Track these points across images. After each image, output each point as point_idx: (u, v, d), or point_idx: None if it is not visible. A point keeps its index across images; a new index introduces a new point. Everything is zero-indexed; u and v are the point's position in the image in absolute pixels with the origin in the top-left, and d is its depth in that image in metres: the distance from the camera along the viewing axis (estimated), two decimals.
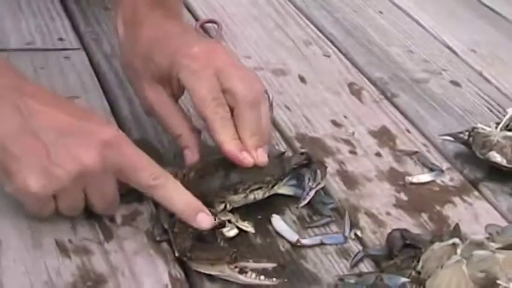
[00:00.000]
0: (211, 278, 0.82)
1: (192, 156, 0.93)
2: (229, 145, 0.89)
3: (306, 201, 0.92)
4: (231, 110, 0.90)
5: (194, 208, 0.85)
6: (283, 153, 1.00)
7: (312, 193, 0.92)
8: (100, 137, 0.82)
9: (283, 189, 0.94)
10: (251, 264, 0.81)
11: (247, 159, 0.89)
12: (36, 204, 0.84)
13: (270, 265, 0.81)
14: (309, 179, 0.93)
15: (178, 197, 0.85)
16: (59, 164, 0.81)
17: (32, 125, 0.81)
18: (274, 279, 0.80)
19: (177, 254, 0.83)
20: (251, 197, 0.90)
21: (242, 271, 0.81)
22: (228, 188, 0.89)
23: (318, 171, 0.93)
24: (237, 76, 0.91)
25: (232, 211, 0.90)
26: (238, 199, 0.90)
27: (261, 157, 0.90)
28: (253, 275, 0.80)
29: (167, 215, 0.86)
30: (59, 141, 0.81)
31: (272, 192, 0.92)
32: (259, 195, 0.91)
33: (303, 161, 0.95)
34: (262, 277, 0.80)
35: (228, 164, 0.90)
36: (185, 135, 0.94)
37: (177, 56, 0.91)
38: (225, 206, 0.90)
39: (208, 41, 1.03)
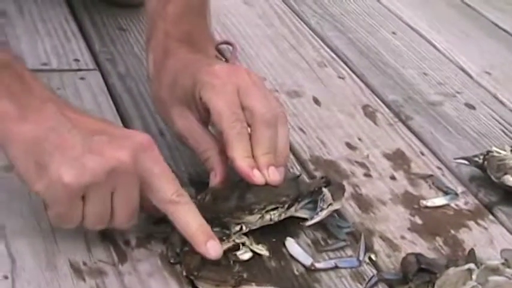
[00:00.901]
0: None
1: (214, 177, 0.92)
2: (241, 161, 0.89)
3: (313, 221, 0.91)
4: (249, 127, 0.91)
5: (206, 235, 0.85)
6: (299, 175, 0.99)
7: (322, 214, 0.91)
8: (134, 140, 0.83)
9: (300, 212, 0.94)
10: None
11: (258, 177, 0.89)
12: (65, 201, 0.81)
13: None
14: (321, 200, 0.93)
15: (193, 221, 0.85)
16: (92, 158, 0.80)
17: (68, 126, 0.82)
18: None
19: (184, 273, 0.83)
20: (267, 217, 0.90)
21: None
22: (244, 209, 0.89)
23: (328, 193, 0.93)
24: (257, 95, 0.92)
25: (247, 234, 0.90)
26: (254, 220, 0.90)
27: (273, 176, 0.89)
28: None
29: (181, 237, 0.86)
30: (94, 139, 0.82)
31: (288, 214, 0.92)
32: (275, 216, 0.90)
33: (321, 184, 0.94)
34: None
35: (244, 186, 0.90)
36: (211, 158, 0.93)
37: (199, 74, 0.92)
38: (241, 228, 0.89)
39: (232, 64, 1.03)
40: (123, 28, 1.36)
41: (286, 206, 0.91)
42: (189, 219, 0.85)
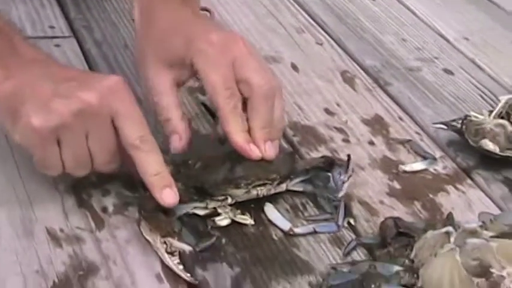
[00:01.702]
0: (203, 266, 0.82)
1: (179, 141, 0.92)
2: (237, 136, 0.88)
3: (343, 192, 0.91)
4: (245, 100, 0.90)
5: (164, 182, 0.85)
6: (293, 152, 0.99)
7: (345, 186, 0.92)
8: (104, 83, 0.85)
9: (291, 187, 0.94)
10: (175, 242, 0.81)
11: (254, 151, 0.89)
12: (39, 146, 0.83)
13: (187, 248, 0.81)
14: (340, 173, 0.92)
15: (153, 167, 0.85)
16: (59, 101, 0.82)
17: (44, 77, 0.85)
18: (189, 275, 0.80)
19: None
20: (254, 192, 0.89)
21: (171, 251, 0.80)
22: (230, 182, 0.89)
23: (351, 164, 0.93)
24: (253, 67, 0.91)
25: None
26: (240, 193, 0.89)
27: (269, 151, 0.89)
28: (176, 261, 0.80)
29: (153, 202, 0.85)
30: (64, 85, 0.84)
31: (278, 190, 0.92)
32: (262, 191, 0.90)
33: (319, 163, 0.94)
34: (181, 267, 0.80)
35: (236, 157, 0.89)
36: (174, 121, 0.92)
37: (195, 41, 0.91)
38: (226, 198, 0.89)
39: (227, 30, 1.01)
40: None
41: (275, 182, 0.90)
42: (149, 165, 0.85)
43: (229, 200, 0.89)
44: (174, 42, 0.93)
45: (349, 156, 0.94)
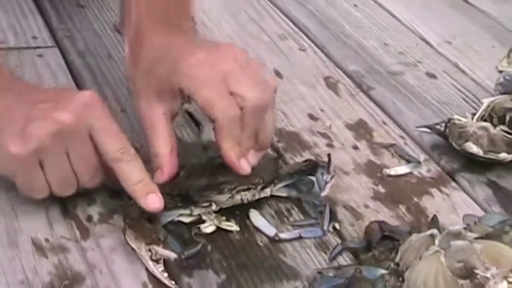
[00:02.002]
0: (189, 273, 0.82)
1: (160, 177, 0.90)
2: (229, 152, 0.88)
3: (326, 192, 0.92)
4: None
5: (147, 188, 0.85)
6: (277, 157, 0.99)
7: (328, 186, 0.92)
8: (78, 100, 0.85)
9: (278, 192, 0.94)
10: (159, 250, 0.81)
11: (244, 169, 0.89)
12: (21, 172, 0.84)
13: (172, 255, 0.81)
14: (322, 174, 0.93)
15: (135, 176, 0.85)
16: (35, 124, 0.82)
17: (19, 103, 0.85)
18: (173, 282, 0.80)
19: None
20: (238, 198, 0.89)
21: (156, 259, 0.80)
22: (213, 188, 0.89)
23: (332, 166, 0.93)
24: (245, 80, 0.89)
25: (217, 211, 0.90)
26: (223, 199, 0.89)
27: (251, 160, 0.90)
28: (161, 269, 0.80)
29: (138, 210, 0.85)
30: (38, 107, 0.84)
31: (263, 195, 0.91)
32: (246, 196, 0.90)
33: (302, 167, 0.94)
34: (166, 275, 0.80)
35: (220, 163, 0.89)
36: (161, 158, 0.90)
37: (180, 67, 0.88)
38: (210, 205, 0.89)
39: (215, 44, 0.96)
40: (81, 5, 1.34)
41: (259, 187, 0.90)
42: (132, 174, 0.85)
43: (214, 207, 0.89)
44: (160, 72, 0.91)
45: (329, 155, 0.95)
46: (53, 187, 0.85)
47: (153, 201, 0.85)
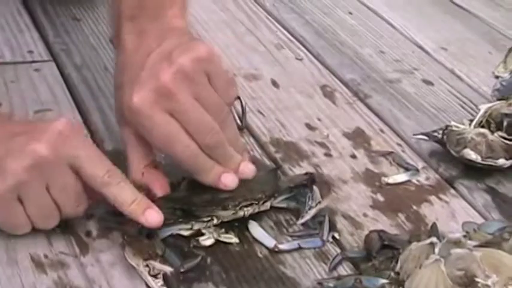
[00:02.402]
0: (188, 286, 0.82)
1: (157, 190, 0.90)
2: (208, 179, 0.88)
3: (303, 220, 0.91)
4: None
5: (143, 206, 0.85)
6: (276, 169, 0.99)
7: (311, 212, 0.91)
8: (53, 131, 0.83)
9: (275, 204, 0.94)
10: (157, 264, 0.81)
11: (228, 184, 0.88)
12: (2, 210, 0.83)
13: (168, 269, 0.81)
14: (310, 198, 0.92)
15: (128, 197, 0.84)
16: (11, 159, 0.81)
17: None
18: None
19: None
20: (241, 213, 0.89)
21: (154, 274, 0.80)
22: (218, 204, 0.89)
23: (317, 191, 0.92)
24: (191, 115, 0.86)
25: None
26: (227, 215, 0.89)
27: (246, 170, 0.90)
28: (160, 283, 0.80)
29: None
30: (13, 142, 0.82)
31: (263, 208, 0.91)
32: (249, 211, 0.90)
33: (303, 181, 0.94)
34: None
35: None
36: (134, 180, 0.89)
37: (124, 109, 0.87)
38: (211, 219, 0.89)
39: (160, 68, 0.86)
40: (77, 18, 1.34)
41: (261, 202, 0.91)
42: (124, 195, 0.84)
43: (215, 221, 0.89)
44: (118, 100, 0.91)
45: (324, 186, 0.94)
46: (35, 221, 0.84)
47: (153, 216, 0.84)
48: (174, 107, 0.85)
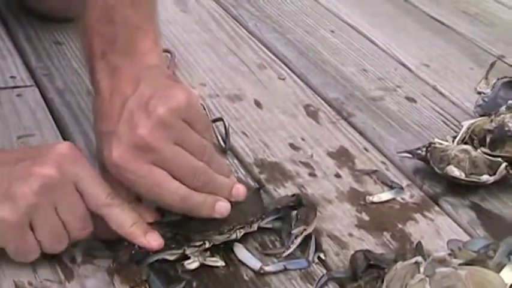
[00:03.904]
0: None
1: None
2: (203, 214, 0.87)
3: (288, 252, 0.90)
4: None
5: (143, 228, 0.85)
6: (259, 188, 0.99)
7: (297, 242, 0.91)
8: (56, 153, 0.83)
9: (262, 225, 0.93)
10: None
11: (222, 213, 0.88)
12: (14, 236, 0.82)
13: None
14: (294, 227, 0.92)
15: (128, 219, 0.85)
16: (19, 184, 0.81)
17: None
18: None
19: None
20: (234, 236, 0.90)
21: None
22: (213, 228, 0.88)
23: (303, 217, 0.92)
24: (175, 163, 0.85)
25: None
26: (222, 239, 0.89)
27: (239, 193, 0.90)
28: None
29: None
30: (17, 167, 0.82)
31: (252, 229, 0.92)
32: (241, 233, 0.90)
33: (290, 202, 0.94)
34: None
35: None
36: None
37: (105, 161, 0.86)
38: (204, 244, 0.88)
39: (139, 120, 0.84)
40: (59, 42, 1.34)
41: (253, 224, 0.91)
42: (124, 218, 0.84)
43: (207, 245, 0.89)
44: (97, 145, 0.92)
45: (310, 211, 0.93)
46: (45, 245, 0.84)
47: (154, 239, 0.85)
48: (156, 158, 0.84)
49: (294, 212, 0.93)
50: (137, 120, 0.84)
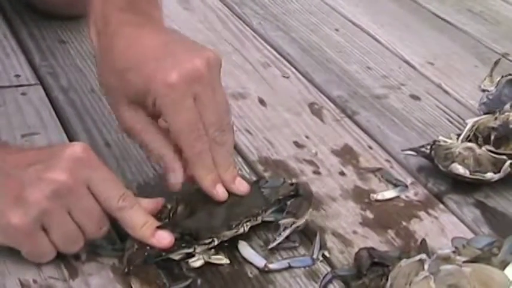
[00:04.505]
0: None
1: (175, 179, 0.90)
2: (204, 181, 0.88)
3: (275, 243, 0.90)
4: None
5: (153, 228, 0.85)
6: (257, 181, 0.98)
7: (285, 233, 0.91)
8: (68, 156, 0.83)
9: (266, 218, 0.93)
10: None
11: (221, 195, 0.89)
12: (27, 240, 0.83)
13: None
14: (283, 217, 0.91)
15: (139, 220, 0.85)
16: (31, 189, 0.81)
17: (5, 169, 0.83)
18: None
19: (123, 265, 0.84)
20: (241, 230, 0.89)
21: None
22: (222, 224, 0.88)
23: (294, 208, 0.92)
24: (212, 106, 0.88)
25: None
26: (230, 234, 0.89)
27: (241, 187, 0.90)
28: None
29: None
30: (29, 171, 0.82)
31: (255, 223, 0.91)
32: (247, 227, 0.90)
33: (290, 192, 0.94)
34: None
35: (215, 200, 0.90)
36: (168, 157, 0.90)
37: (154, 84, 0.86)
38: (213, 241, 0.88)
39: (188, 56, 0.88)
40: (63, 40, 1.34)
41: (258, 216, 0.91)
42: (136, 218, 0.85)
43: (216, 242, 0.88)
44: (135, 82, 0.87)
45: (304, 201, 0.93)
46: (60, 247, 0.84)
47: (164, 237, 0.85)
48: (200, 92, 0.86)
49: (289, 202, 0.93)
50: (191, 56, 0.87)
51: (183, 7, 1.53)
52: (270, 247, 0.90)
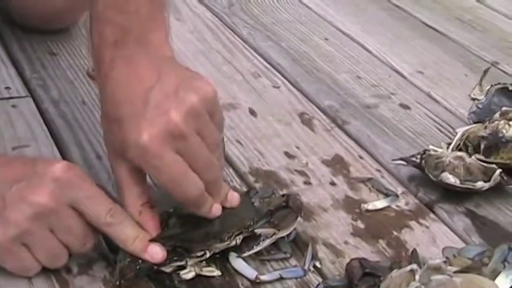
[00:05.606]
0: None
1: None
2: (201, 211, 0.87)
3: (251, 252, 0.90)
4: None
5: (145, 242, 0.85)
6: (248, 192, 0.98)
7: (264, 244, 0.91)
8: (50, 175, 0.82)
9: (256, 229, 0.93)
10: None
11: (215, 214, 0.88)
12: (9, 257, 0.83)
13: None
14: (265, 226, 0.91)
15: (130, 235, 0.85)
16: (12, 209, 0.81)
17: None
18: None
19: (115, 278, 0.84)
20: (233, 242, 0.89)
21: None
22: (214, 237, 0.88)
23: (276, 221, 0.91)
24: (198, 154, 0.84)
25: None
26: (222, 247, 0.89)
27: (233, 200, 0.91)
28: None
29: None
30: (12, 189, 0.81)
31: (247, 234, 0.91)
32: (239, 239, 0.90)
33: (281, 203, 0.94)
34: None
35: None
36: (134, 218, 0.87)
37: (128, 145, 0.83)
38: (205, 254, 0.88)
39: (167, 104, 0.83)
40: (53, 52, 1.34)
41: (249, 228, 0.91)
42: (127, 232, 0.85)
43: (207, 254, 0.88)
44: (116, 136, 0.85)
45: (290, 214, 0.92)
46: (43, 262, 0.84)
47: (156, 251, 0.85)
48: (183, 146, 0.83)
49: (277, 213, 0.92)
50: (168, 107, 0.82)
51: (174, 17, 1.53)
52: (244, 255, 0.90)
